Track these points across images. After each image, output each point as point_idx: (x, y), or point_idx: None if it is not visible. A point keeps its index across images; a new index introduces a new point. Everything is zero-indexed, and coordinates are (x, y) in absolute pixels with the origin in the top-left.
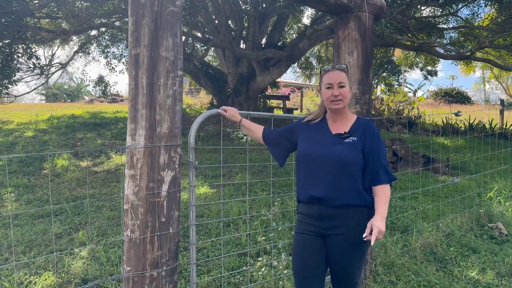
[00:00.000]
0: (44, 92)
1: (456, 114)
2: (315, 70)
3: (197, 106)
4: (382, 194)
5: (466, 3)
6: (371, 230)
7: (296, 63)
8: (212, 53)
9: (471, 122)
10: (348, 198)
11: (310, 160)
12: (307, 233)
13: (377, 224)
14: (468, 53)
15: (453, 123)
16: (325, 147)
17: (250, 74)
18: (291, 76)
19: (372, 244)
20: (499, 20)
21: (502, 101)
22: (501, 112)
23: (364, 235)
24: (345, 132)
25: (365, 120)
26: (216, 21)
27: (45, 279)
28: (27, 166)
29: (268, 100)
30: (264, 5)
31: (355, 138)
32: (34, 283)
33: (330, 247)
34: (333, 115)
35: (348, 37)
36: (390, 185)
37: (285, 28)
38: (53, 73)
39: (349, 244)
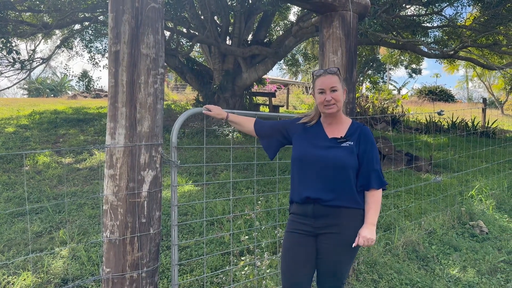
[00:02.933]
0: (26, 86)
1: (439, 113)
2: (301, 67)
3: (183, 102)
4: (372, 200)
5: (449, 2)
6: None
7: (282, 60)
8: (198, 49)
9: (454, 120)
10: (344, 200)
11: (306, 163)
12: (299, 232)
13: (363, 233)
14: (452, 52)
15: (436, 121)
16: (322, 151)
17: (236, 70)
18: (277, 73)
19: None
20: (482, 19)
21: (484, 100)
22: (483, 111)
23: (353, 245)
24: (341, 136)
25: (360, 125)
26: (202, 17)
27: (24, 279)
28: (7, 163)
29: (254, 97)
30: (250, 1)
31: (352, 143)
32: (12, 284)
33: (322, 246)
34: (328, 119)
35: (332, 35)
36: (384, 189)
37: (272, 25)
38: (34, 68)
39: (341, 243)
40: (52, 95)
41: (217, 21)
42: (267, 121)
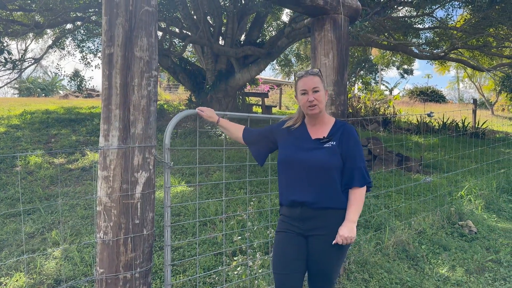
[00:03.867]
0: (17, 86)
1: (429, 115)
2: (294, 67)
3: (175, 102)
4: (354, 198)
5: (440, 4)
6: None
7: (275, 60)
8: (191, 49)
9: (444, 121)
10: (329, 201)
11: (291, 166)
12: (289, 232)
13: (342, 232)
14: (443, 54)
15: (427, 122)
16: (306, 153)
17: (229, 71)
18: (270, 73)
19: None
20: (473, 21)
21: (475, 100)
22: (474, 112)
23: (333, 242)
24: (324, 137)
25: (342, 123)
26: (195, 17)
27: (16, 280)
28: None
29: (247, 97)
30: (243, 2)
31: (334, 143)
32: (5, 285)
33: (311, 248)
34: (311, 120)
35: (324, 38)
36: (368, 190)
37: (264, 26)
38: (25, 68)
39: (329, 245)
40: (43, 95)
41: (210, 21)
42: (255, 128)
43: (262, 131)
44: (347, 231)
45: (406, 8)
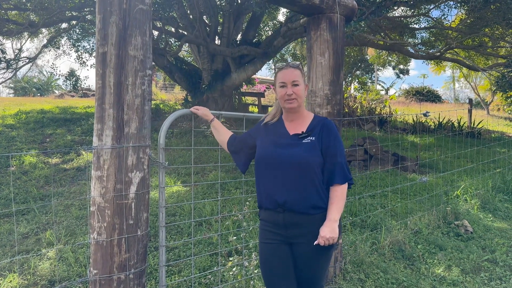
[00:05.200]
0: (12, 85)
1: (425, 115)
2: None
3: (171, 101)
4: (335, 195)
5: (436, 4)
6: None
7: (271, 60)
8: (187, 48)
9: (440, 121)
10: (311, 200)
11: (269, 163)
12: (273, 242)
13: (323, 233)
14: (438, 53)
15: (423, 121)
16: (283, 149)
17: (225, 70)
18: (266, 72)
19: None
20: (468, 21)
21: (470, 100)
22: (469, 111)
23: (315, 243)
24: (302, 132)
25: (321, 118)
26: (191, 16)
27: (10, 281)
28: None
29: (243, 97)
30: (239, 1)
31: (313, 138)
32: None
33: (296, 254)
34: (289, 115)
35: (320, 38)
36: (349, 187)
37: (260, 25)
38: (20, 67)
39: (315, 250)
40: (38, 94)
41: (206, 21)
42: (239, 135)
43: (242, 137)
44: (328, 231)
45: (402, 8)
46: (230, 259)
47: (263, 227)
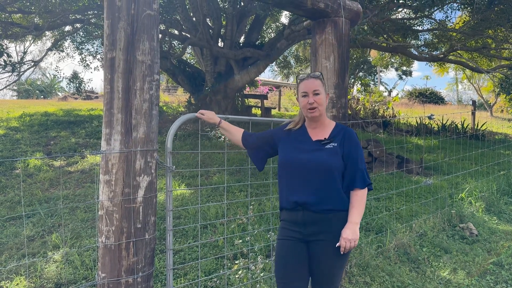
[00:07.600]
0: (16, 88)
1: (430, 118)
2: (293, 69)
3: (174, 104)
4: (356, 199)
5: (440, 6)
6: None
7: (274, 62)
8: (190, 51)
9: (444, 123)
10: (331, 202)
11: (292, 167)
12: (290, 239)
13: (345, 234)
14: (442, 55)
15: (426, 123)
16: (307, 154)
17: (228, 72)
18: (269, 74)
19: (342, 252)
20: (471, 23)
21: (473, 102)
22: (473, 113)
23: (337, 244)
24: (325, 138)
25: (343, 126)
26: (194, 19)
27: (17, 284)
28: None
29: (246, 99)
30: (242, 4)
31: (336, 144)
32: None
33: (313, 253)
34: (312, 123)
35: (325, 41)
36: (370, 189)
37: (264, 27)
38: (25, 71)
39: (332, 249)
40: (42, 97)
41: (209, 23)
42: (254, 132)
43: (262, 135)
44: (350, 233)
45: (405, 10)
46: (236, 262)
47: (283, 225)
